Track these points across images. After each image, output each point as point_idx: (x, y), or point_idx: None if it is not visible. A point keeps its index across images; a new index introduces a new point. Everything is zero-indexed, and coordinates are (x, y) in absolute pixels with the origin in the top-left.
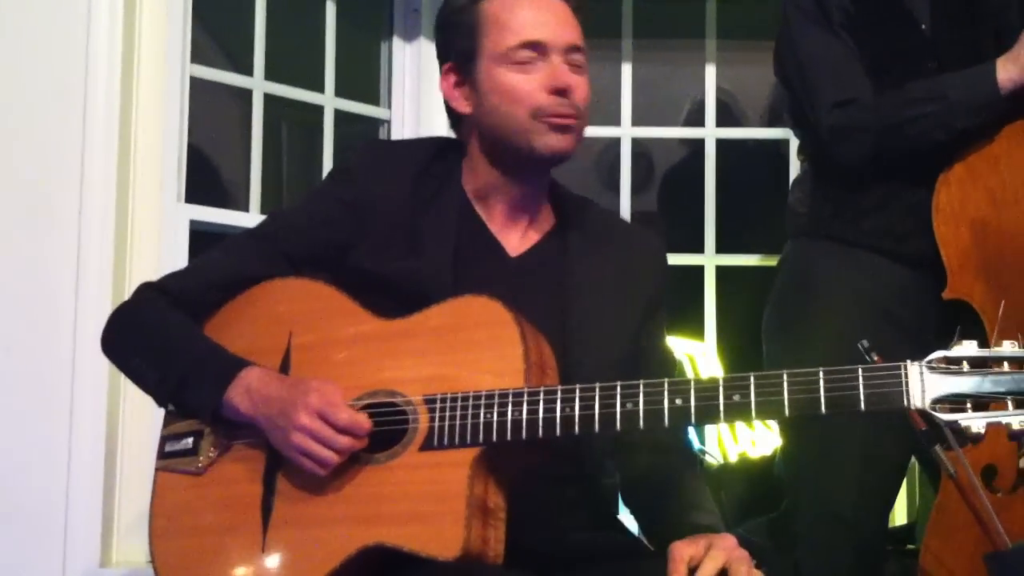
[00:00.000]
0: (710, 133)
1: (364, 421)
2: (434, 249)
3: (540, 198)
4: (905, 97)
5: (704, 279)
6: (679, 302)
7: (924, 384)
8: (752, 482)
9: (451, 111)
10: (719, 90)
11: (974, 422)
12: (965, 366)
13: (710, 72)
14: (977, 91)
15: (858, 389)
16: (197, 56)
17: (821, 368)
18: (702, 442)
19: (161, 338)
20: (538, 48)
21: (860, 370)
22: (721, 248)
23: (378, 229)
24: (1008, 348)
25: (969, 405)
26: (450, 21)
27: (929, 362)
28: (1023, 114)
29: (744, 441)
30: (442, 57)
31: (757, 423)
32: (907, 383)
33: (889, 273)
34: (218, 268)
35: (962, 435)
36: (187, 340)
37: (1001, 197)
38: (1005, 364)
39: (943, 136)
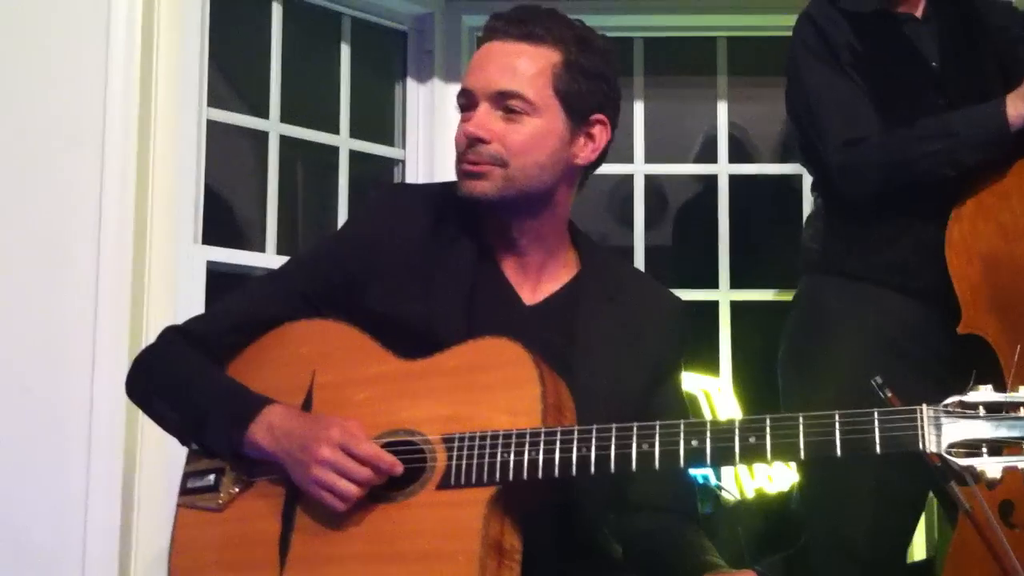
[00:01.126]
0: (723, 169)
1: (386, 455)
2: (447, 293)
3: (545, 244)
4: (914, 134)
5: (719, 314)
6: (694, 337)
7: (940, 429)
8: (769, 518)
9: None
10: (731, 126)
11: (990, 467)
12: (981, 411)
13: (722, 108)
14: (986, 128)
15: (873, 432)
16: (213, 99)
17: (837, 411)
18: (718, 478)
19: (183, 378)
20: (468, 97)
21: (876, 414)
22: (736, 283)
23: (392, 269)
24: None
25: (985, 450)
26: None
27: (945, 406)
28: None
29: (761, 477)
30: None
31: None
32: (923, 427)
33: (899, 308)
34: (238, 310)
35: (977, 479)
36: (209, 379)
37: (1012, 231)
38: (1022, 409)
39: (952, 172)
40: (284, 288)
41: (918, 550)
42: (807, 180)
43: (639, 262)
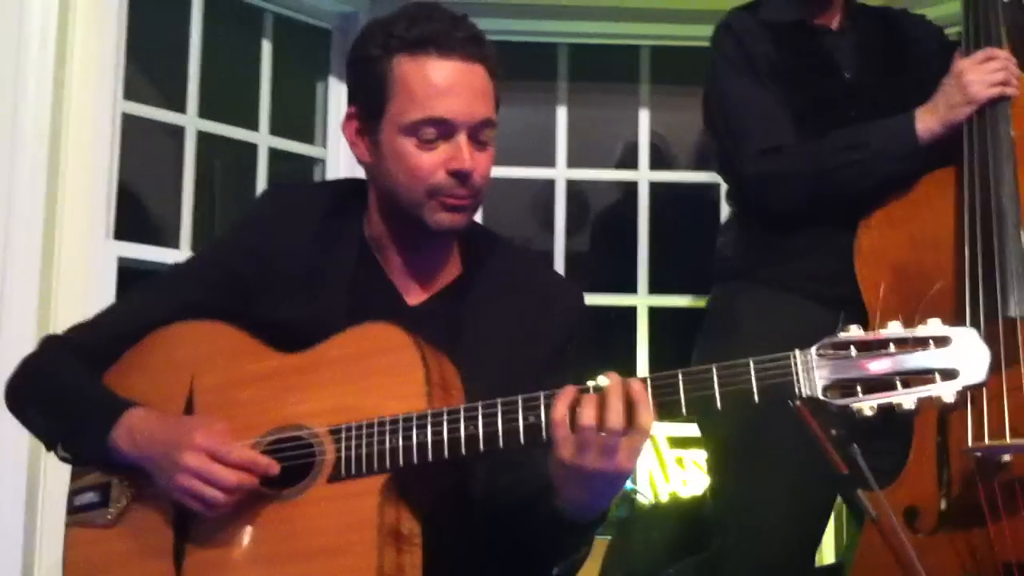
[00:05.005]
0: (643, 176)
1: (260, 458)
2: (330, 296)
3: (442, 250)
4: (828, 146)
5: (636, 319)
6: (611, 342)
7: (814, 371)
8: (683, 522)
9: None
10: (653, 134)
11: (865, 405)
12: (852, 350)
13: (644, 116)
14: (897, 141)
15: (750, 380)
16: (130, 92)
17: (714, 364)
18: (634, 481)
19: (54, 386)
20: (443, 125)
21: (751, 363)
22: (654, 289)
23: (278, 280)
24: (892, 329)
25: (859, 389)
26: (361, 67)
27: (817, 349)
28: (942, 162)
29: (675, 480)
30: (350, 96)
31: (689, 463)
32: (797, 371)
33: (813, 315)
34: (120, 319)
35: (854, 418)
36: (77, 387)
37: (921, 242)
38: (891, 345)
39: (863, 183)
40: (168, 297)
41: (827, 554)
42: (724, 188)
43: (559, 266)
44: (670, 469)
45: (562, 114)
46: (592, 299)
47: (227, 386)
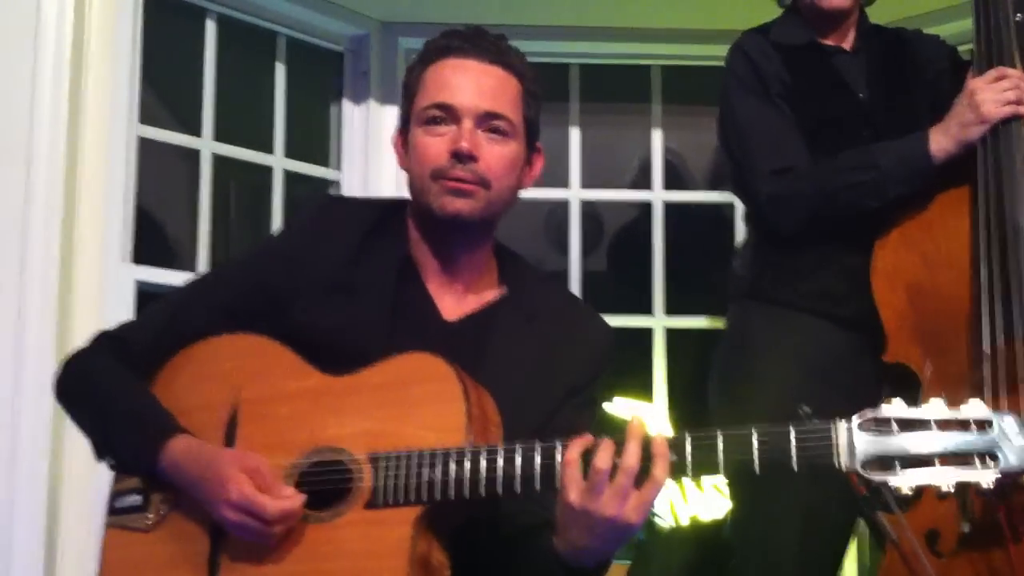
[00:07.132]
0: (658, 196)
1: (295, 501)
2: (370, 304)
3: (477, 264)
4: (840, 166)
5: (653, 340)
6: (628, 364)
7: (853, 444)
8: (702, 546)
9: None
10: (667, 152)
11: (903, 483)
12: (894, 426)
13: (656, 136)
14: (909, 161)
15: (790, 449)
16: (146, 116)
17: (754, 427)
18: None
19: (104, 392)
20: (448, 111)
21: (792, 429)
22: (670, 310)
23: (316, 284)
24: (935, 408)
25: (898, 465)
26: (403, 82)
27: (859, 421)
28: (956, 182)
29: (695, 504)
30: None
31: (708, 486)
32: (836, 443)
33: (825, 335)
34: (162, 321)
35: (892, 496)
36: (126, 398)
37: (935, 261)
38: (933, 424)
39: (876, 204)
40: (208, 300)
41: (849, 575)
42: (739, 208)
43: (575, 288)
44: (689, 492)
45: (575, 135)
46: (608, 320)
47: (269, 400)
